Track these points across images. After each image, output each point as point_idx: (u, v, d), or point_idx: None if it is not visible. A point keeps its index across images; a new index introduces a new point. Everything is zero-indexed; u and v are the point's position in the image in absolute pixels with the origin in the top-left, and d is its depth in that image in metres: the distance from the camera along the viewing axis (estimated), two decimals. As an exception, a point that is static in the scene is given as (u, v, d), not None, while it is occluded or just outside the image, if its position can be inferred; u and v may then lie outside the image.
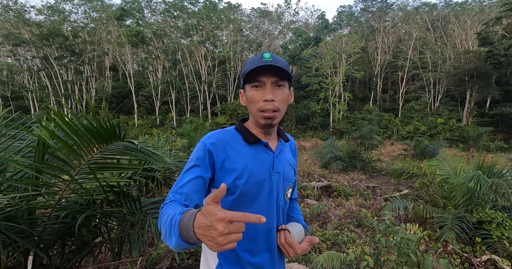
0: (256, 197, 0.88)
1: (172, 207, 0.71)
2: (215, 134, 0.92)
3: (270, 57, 0.85)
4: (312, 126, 25.88)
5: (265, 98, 0.85)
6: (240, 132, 0.94)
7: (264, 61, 0.83)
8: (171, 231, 0.62)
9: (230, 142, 0.91)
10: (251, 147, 0.92)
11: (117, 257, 1.82)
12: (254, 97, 0.87)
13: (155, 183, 2.42)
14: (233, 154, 0.88)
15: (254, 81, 0.86)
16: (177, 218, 0.62)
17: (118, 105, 29.97)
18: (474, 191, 3.52)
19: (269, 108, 0.85)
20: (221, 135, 0.92)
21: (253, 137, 0.93)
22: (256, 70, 0.84)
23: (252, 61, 0.87)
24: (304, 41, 28.81)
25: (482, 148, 14.38)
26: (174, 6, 29.09)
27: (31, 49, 26.24)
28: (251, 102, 0.88)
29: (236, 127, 0.97)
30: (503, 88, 22.53)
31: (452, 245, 3.16)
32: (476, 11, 30.09)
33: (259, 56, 0.86)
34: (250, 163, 0.88)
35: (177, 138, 9.49)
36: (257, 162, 0.90)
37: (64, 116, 1.27)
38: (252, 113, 0.91)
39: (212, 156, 0.86)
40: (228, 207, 0.86)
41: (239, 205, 0.87)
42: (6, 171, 1.66)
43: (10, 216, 1.42)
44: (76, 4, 30.37)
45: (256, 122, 0.92)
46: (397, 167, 5.52)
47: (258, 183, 0.88)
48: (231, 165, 0.86)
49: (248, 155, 0.90)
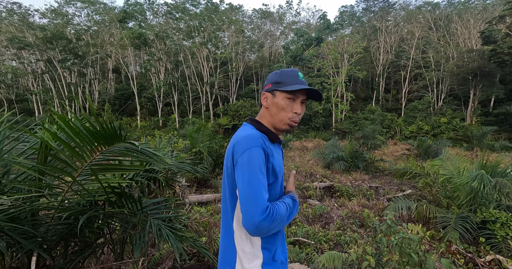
0: (280, 187, 1.07)
1: (277, 205, 0.92)
2: (259, 136, 0.98)
3: (303, 77, 1.05)
4: (315, 127, 25.83)
5: (297, 111, 1.02)
6: (267, 134, 1.05)
7: (301, 81, 1.03)
8: (293, 210, 0.99)
9: (267, 143, 1.01)
10: (274, 146, 1.07)
11: (119, 257, 1.83)
12: (287, 107, 1.02)
13: (157, 185, 2.43)
14: (272, 154, 1.00)
15: (292, 94, 1.01)
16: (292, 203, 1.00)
17: (121, 107, 30.16)
18: (477, 191, 3.49)
19: (297, 120, 1.04)
20: (261, 137, 0.99)
21: (277, 138, 1.08)
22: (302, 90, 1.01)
23: (290, 76, 1.03)
24: (306, 41, 28.78)
25: (486, 148, 14.24)
26: (176, 8, 29.22)
27: (35, 52, 26.50)
28: (282, 110, 1.02)
29: (259, 128, 1.06)
30: (507, 87, 22.30)
31: (455, 245, 3.13)
32: (479, 9, 29.86)
33: (295, 73, 1.04)
34: (280, 161, 1.07)
35: (179, 139, 9.52)
36: (280, 159, 1.09)
37: (66, 119, 1.28)
38: (279, 118, 1.04)
39: (267, 157, 0.96)
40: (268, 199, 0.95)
41: (272, 195, 1.01)
42: (10, 173, 1.68)
43: (14, 217, 1.43)
44: (79, 7, 30.61)
45: (277, 125, 1.06)
46: (400, 167, 5.48)
47: (282, 176, 1.08)
48: (275, 164, 0.99)
49: (278, 154, 1.06)
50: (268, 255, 0.99)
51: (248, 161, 0.90)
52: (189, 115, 28.90)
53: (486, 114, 22.43)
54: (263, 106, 1.08)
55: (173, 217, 2.19)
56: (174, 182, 3.85)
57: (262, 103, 1.08)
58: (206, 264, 2.80)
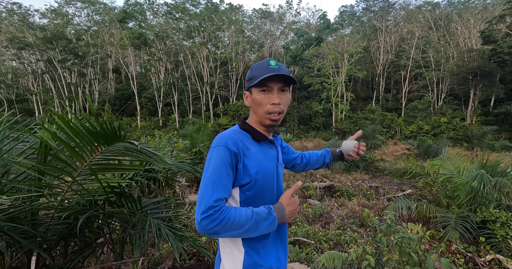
0: (268, 189, 0.99)
1: (236, 210, 0.85)
2: (231, 136, 0.95)
3: (276, 64, 0.95)
4: (315, 126, 25.82)
5: (273, 102, 0.95)
6: (249, 131, 1.01)
7: (272, 68, 0.94)
8: (263, 222, 0.86)
9: (244, 142, 0.96)
10: (260, 145, 1.01)
11: (119, 257, 1.83)
12: (263, 101, 0.96)
13: (157, 185, 2.43)
14: (249, 153, 0.94)
15: (263, 86, 0.95)
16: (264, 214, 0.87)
17: (121, 107, 30.15)
18: (477, 191, 3.49)
19: (276, 110, 0.96)
20: (236, 136, 0.96)
21: (261, 136, 1.01)
22: (269, 77, 0.92)
23: (260, 67, 0.96)
24: (306, 41, 28.76)
25: (486, 147, 14.23)
26: (176, 8, 29.20)
27: (35, 53, 26.50)
28: (259, 105, 0.97)
29: (242, 127, 1.03)
30: (507, 87, 22.28)
31: (456, 245, 3.13)
32: (479, 9, 29.84)
33: (266, 63, 0.96)
34: (263, 160, 0.97)
35: (179, 139, 9.52)
36: (267, 158, 1.00)
37: (66, 118, 1.28)
38: (259, 115, 0.99)
39: (236, 157, 0.91)
40: (246, 200, 0.95)
41: (256, 197, 0.95)
42: (10, 172, 1.68)
43: (14, 217, 1.43)
44: (79, 8, 30.59)
45: (261, 122, 1.01)
46: (400, 166, 5.47)
47: (270, 177, 0.99)
48: (249, 164, 0.93)
49: (260, 153, 0.98)
50: (249, 259, 0.94)
51: (209, 160, 0.90)
52: (189, 115, 28.90)
53: (486, 113, 22.41)
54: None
55: (173, 217, 2.19)
56: (174, 182, 3.85)
57: (245, 103, 1.05)
58: (206, 264, 2.80)
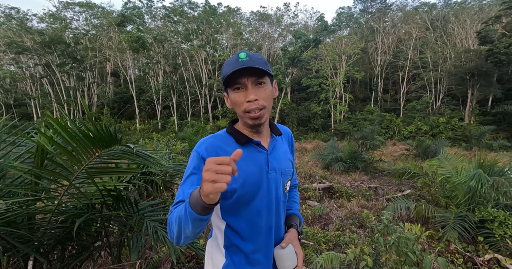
0: (254, 197, 0.89)
1: (173, 211, 0.80)
2: (206, 140, 0.92)
3: (246, 56, 0.83)
4: (314, 128, 25.87)
5: (248, 99, 0.84)
6: (232, 134, 0.94)
7: (241, 61, 0.82)
8: (183, 213, 0.69)
9: (222, 146, 0.91)
10: (244, 148, 0.90)
11: (116, 260, 1.83)
12: (238, 100, 0.86)
13: (154, 187, 2.43)
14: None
15: (235, 84, 0.85)
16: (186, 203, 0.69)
17: (120, 110, 30.15)
18: (475, 190, 3.50)
19: (254, 107, 0.85)
20: (213, 140, 0.93)
21: (244, 137, 0.92)
22: (235, 73, 0.82)
23: (229, 63, 0.85)
24: (304, 43, 28.85)
25: (484, 147, 14.27)
26: (174, 11, 29.35)
27: (34, 57, 26.55)
28: (236, 105, 0.88)
29: (227, 130, 0.97)
30: (504, 87, 22.42)
31: (454, 245, 3.13)
32: (476, 10, 30.08)
33: (235, 57, 0.85)
34: (244, 165, 0.87)
35: (177, 142, 9.52)
36: (251, 163, 0.90)
37: (62, 122, 1.29)
38: (239, 115, 0.91)
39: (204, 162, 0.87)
40: (228, 209, 0.89)
41: (239, 206, 0.88)
42: (6, 177, 1.68)
43: (10, 221, 1.43)
44: (77, 12, 30.74)
45: (244, 123, 0.92)
46: (399, 167, 5.48)
47: (255, 183, 0.89)
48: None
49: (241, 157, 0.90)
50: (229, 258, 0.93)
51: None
52: (188, 117, 28.92)
53: (484, 113, 22.51)
54: None
55: (170, 220, 2.18)
56: (172, 184, 3.85)
57: (227, 105, 0.96)
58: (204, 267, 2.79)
